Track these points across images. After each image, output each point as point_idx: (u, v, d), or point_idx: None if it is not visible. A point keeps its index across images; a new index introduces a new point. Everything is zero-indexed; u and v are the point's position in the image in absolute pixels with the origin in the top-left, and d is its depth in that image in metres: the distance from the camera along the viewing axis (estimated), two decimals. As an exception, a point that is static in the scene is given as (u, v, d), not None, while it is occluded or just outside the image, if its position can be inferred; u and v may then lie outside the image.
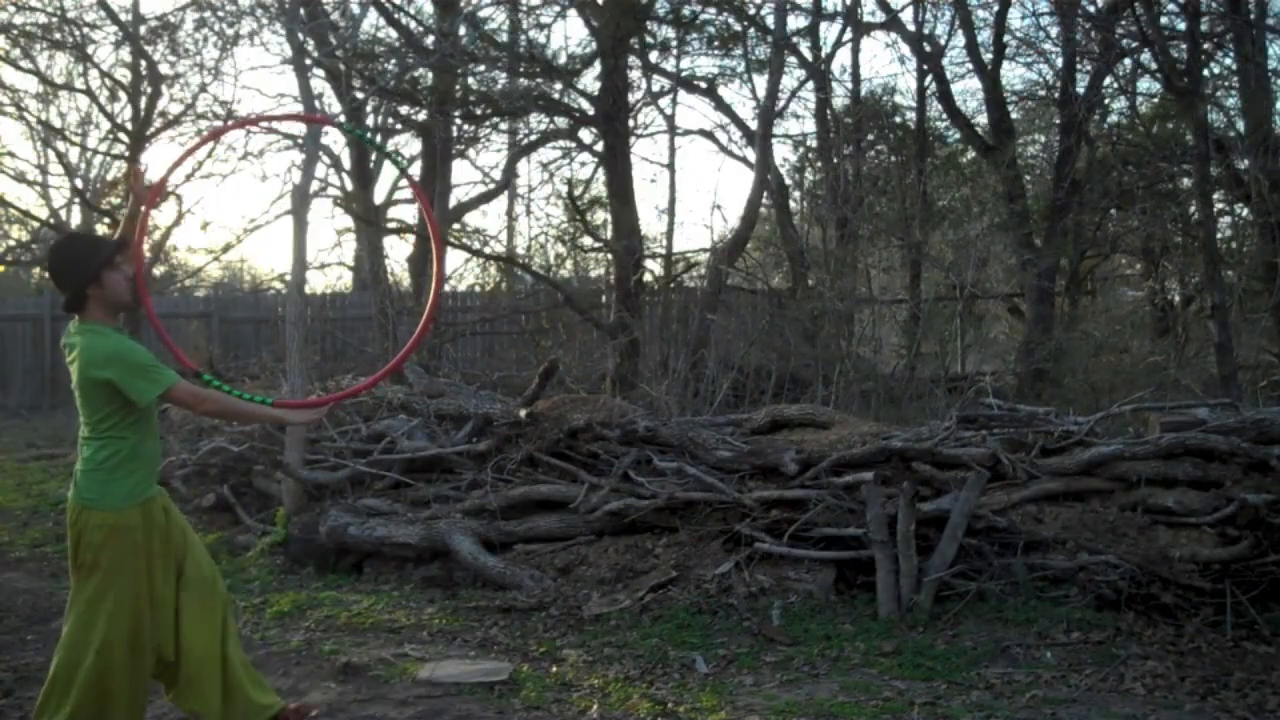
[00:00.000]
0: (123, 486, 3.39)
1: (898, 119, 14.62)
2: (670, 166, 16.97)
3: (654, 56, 13.03)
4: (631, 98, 12.89)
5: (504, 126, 14.22)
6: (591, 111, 11.62)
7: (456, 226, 14.75)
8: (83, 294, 3.37)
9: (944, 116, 14.19)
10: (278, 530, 6.74)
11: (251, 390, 6.92)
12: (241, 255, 35.60)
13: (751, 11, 12.50)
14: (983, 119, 14.09)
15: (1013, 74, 37.39)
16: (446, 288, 15.04)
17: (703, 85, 13.65)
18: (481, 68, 11.28)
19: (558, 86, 11.67)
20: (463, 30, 11.02)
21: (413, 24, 12.44)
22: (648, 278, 12.60)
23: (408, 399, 7.82)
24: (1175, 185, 13.05)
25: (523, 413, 6.77)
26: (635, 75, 13.13)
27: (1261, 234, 10.48)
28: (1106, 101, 14.02)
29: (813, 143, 15.11)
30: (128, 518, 3.38)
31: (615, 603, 5.25)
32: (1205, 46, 11.59)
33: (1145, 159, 12.95)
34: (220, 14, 12.88)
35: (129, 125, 14.23)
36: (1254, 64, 10.38)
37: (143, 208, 3.62)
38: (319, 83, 13.07)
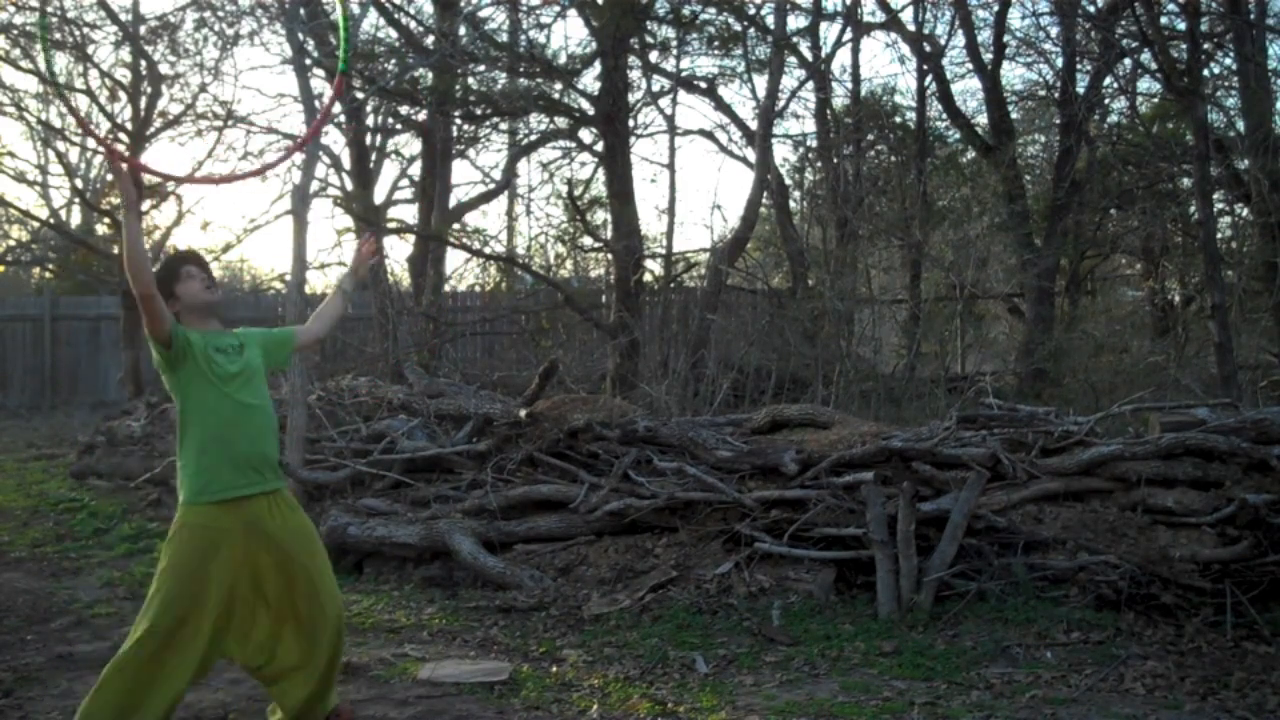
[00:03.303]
0: (195, 482, 3.38)
1: (898, 119, 14.61)
2: (670, 166, 16.97)
3: (654, 56, 13.03)
4: (631, 98, 12.88)
5: (504, 126, 14.22)
6: (591, 111, 11.61)
7: (456, 226, 14.75)
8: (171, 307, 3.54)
9: (944, 116, 14.19)
10: (278, 530, 6.74)
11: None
12: (241, 255, 35.63)
13: (751, 11, 12.49)
14: (983, 119, 14.11)
15: (1013, 74, 37.42)
16: (446, 288, 15.05)
17: (703, 85, 13.65)
18: (481, 68, 11.28)
19: (558, 86, 11.67)
20: (463, 30, 11.02)
21: (413, 24, 12.44)
22: (648, 278, 12.60)
23: (408, 399, 7.82)
24: (1175, 185, 13.07)
25: (523, 413, 6.78)
26: (635, 75, 13.14)
27: (1261, 234, 10.48)
28: (1106, 101, 14.04)
29: (813, 143, 15.12)
30: (198, 515, 3.36)
31: (615, 603, 5.25)
32: (1205, 46, 11.59)
33: (1145, 159, 12.97)
34: (220, 14, 12.88)
35: (129, 125, 14.22)
36: (1254, 64, 10.38)
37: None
38: (319, 83, 13.06)
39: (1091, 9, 12.68)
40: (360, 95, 11.31)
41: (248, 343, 3.64)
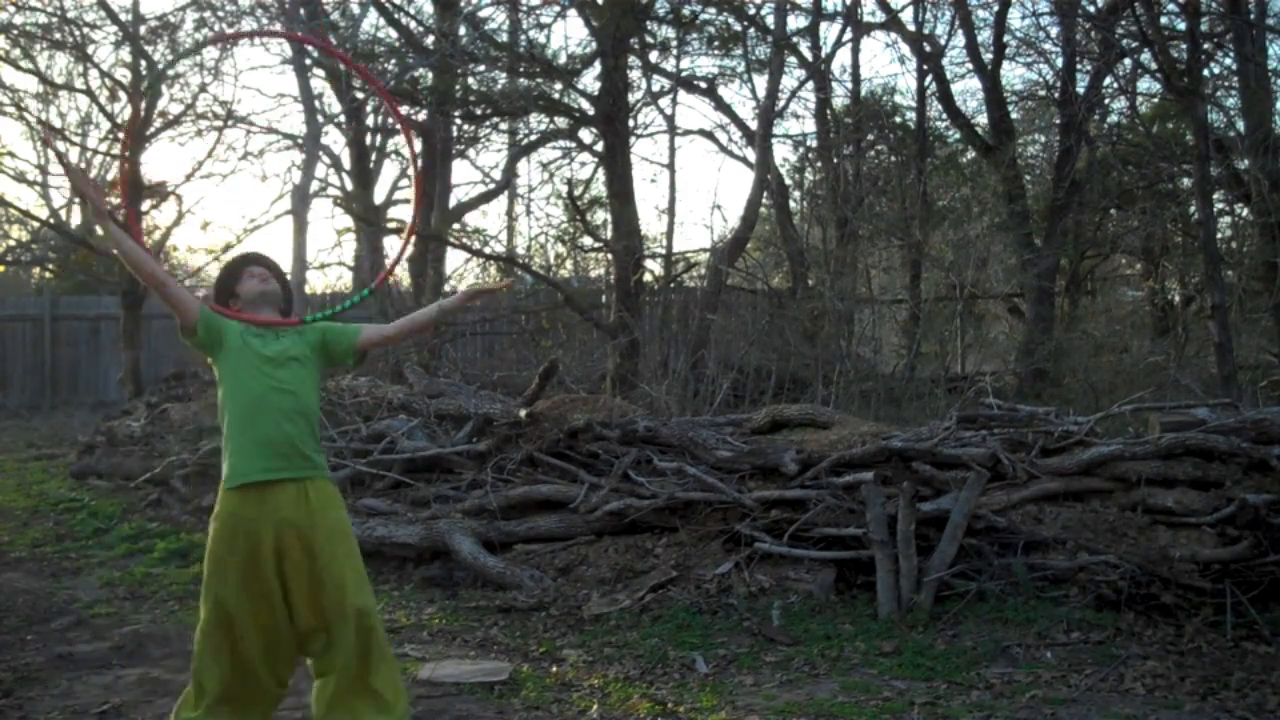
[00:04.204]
0: (227, 465, 3.34)
1: (898, 119, 14.62)
2: (670, 166, 17.03)
3: (654, 56, 13.04)
4: (631, 98, 12.89)
5: (504, 126, 14.23)
6: (591, 111, 11.61)
7: (456, 226, 14.75)
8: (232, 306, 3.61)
9: (944, 116, 14.20)
10: (278, 530, 6.73)
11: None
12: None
13: (751, 11, 12.50)
14: (983, 119, 14.11)
15: (1013, 74, 37.41)
16: (446, 288, 15.05)
17: (703, 85, 13.66)
18: (481, 68, 11.29)
19: (558, 86, 11.67)
20: (463, 30, 11.02)
21: (413, 24, 12.45)
22: (648, 278, 12.61)
23: (408, 399, 7.81)
24: (1175, 185, 13.07)
25: (523, 413, 6.78)
26: (635, 75, 13.15)
27: (1261, 234, 10.48)
28: (1106, 101, 14.05)
29: (813, 143, 15.13)
30: (226, 503, 3.32)
31: (615, 603, 5.25)
32: (1205, 46, 11.59)
33: (1145, 159, 12.99)
34: (220, 14, 12.89)
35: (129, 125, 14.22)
36: (1254, 64, 10.38)
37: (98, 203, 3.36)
38: (319, 83, 13.09)
39: (1091, 9, 12.70)
40: (360, 95, 11.32)
41: (299, 330, 3.57)
